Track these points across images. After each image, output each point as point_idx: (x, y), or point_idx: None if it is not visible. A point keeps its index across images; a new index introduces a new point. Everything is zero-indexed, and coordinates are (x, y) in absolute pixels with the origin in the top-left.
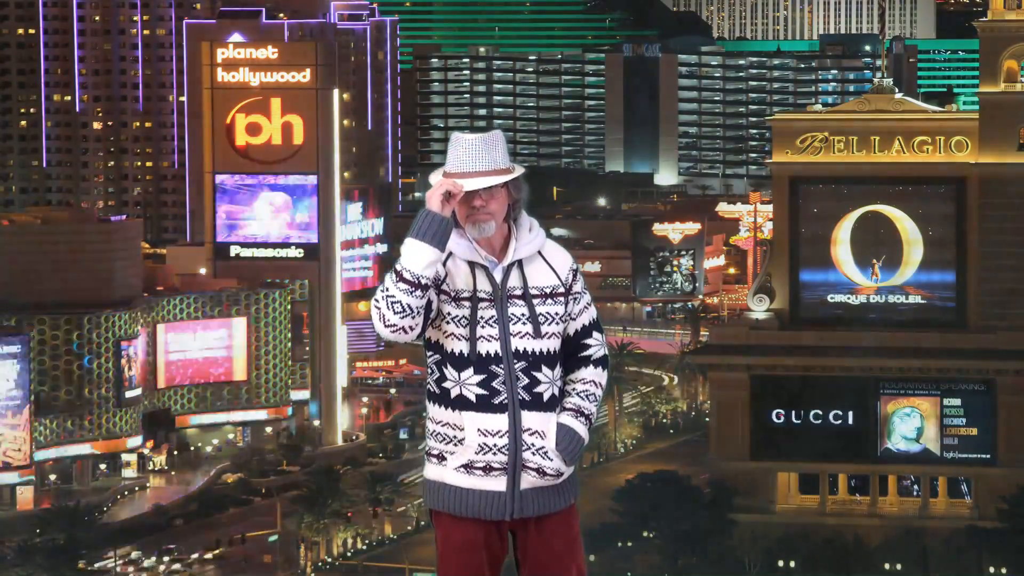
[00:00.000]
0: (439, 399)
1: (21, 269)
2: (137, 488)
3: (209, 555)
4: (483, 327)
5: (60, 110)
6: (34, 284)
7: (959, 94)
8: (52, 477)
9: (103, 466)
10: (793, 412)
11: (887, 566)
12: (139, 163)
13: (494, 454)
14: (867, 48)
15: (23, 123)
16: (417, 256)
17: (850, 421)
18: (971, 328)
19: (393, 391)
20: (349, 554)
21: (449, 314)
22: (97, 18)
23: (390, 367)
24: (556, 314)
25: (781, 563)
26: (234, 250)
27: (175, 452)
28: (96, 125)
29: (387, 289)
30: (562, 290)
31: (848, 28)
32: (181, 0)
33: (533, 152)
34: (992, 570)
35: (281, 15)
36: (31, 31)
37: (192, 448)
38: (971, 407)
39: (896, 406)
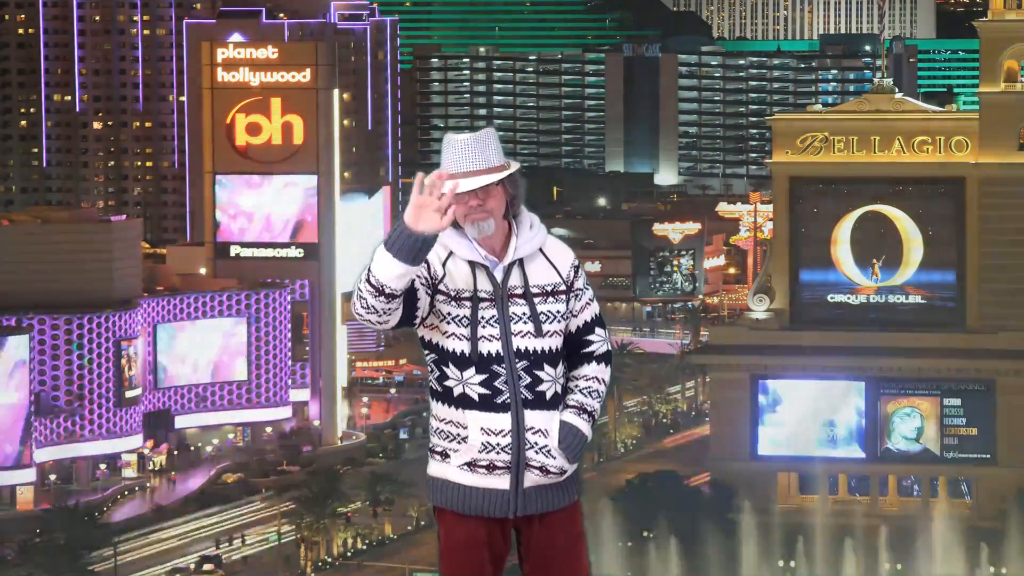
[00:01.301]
0: (442, 397)
1: (21, 269)
2: (137, 488)
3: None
4: (484, 327)
5: (60, 110)
6: (34, 284)
7: (959, 94)
8: (52, 477)
9: (103, 466)
10: (793, 412)
11: (887, 566)
12: (139, 163)
13: (497, 453)
14: (867, 48)
15: (23, 123)
16: (383, 267)
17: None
18: (971, 328)
19: (393, 391)
20: (349, 554)
21: (449, 314)
22: (97, 18)
23: (390, 367)
24: (558, 312)
25: (781, 563)
26: (234, 250)
27: (175, 452)
28: (96, 125)
29: (360, 281)
30: (563, 287)
31: (848, 28)
32: (181, 0)
33: (533, 152)
34: (992, 570)
35: (281, 15)
36: (31, 31)
37: (192, 448)
38: (971, 407)
39: (896, 406)
